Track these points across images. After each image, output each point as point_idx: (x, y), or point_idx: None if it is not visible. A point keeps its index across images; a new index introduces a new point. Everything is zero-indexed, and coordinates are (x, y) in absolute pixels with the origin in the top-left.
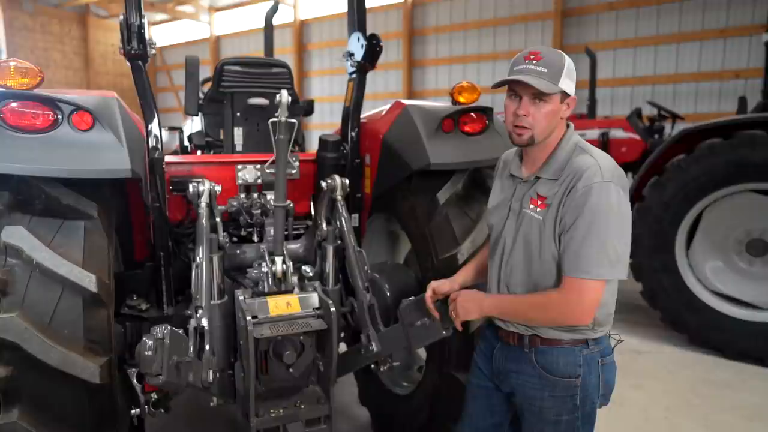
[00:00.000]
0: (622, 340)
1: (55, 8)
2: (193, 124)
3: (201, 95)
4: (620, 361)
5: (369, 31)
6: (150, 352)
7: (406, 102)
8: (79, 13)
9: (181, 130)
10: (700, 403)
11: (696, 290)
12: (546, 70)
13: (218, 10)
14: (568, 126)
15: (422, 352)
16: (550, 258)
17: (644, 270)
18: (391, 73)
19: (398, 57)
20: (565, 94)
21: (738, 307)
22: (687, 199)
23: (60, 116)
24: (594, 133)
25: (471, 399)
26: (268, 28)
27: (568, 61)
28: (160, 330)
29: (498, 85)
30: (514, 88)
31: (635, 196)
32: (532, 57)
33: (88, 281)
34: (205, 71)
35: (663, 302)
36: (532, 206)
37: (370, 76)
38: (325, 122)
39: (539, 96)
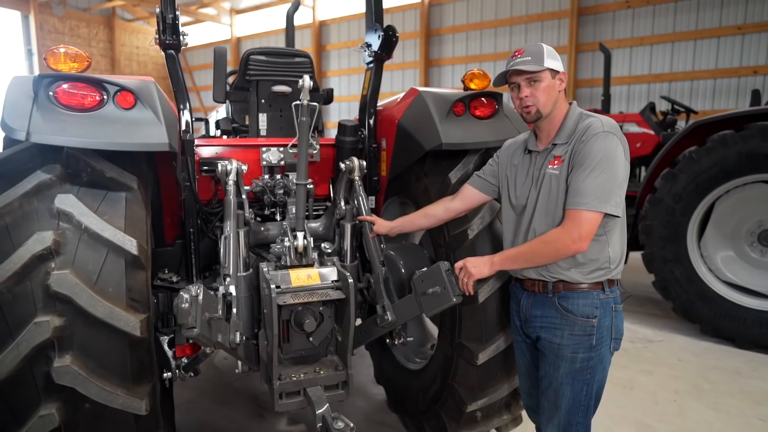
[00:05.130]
0: (631, 294)
1: (84, 12)
2: (218, 114)
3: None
4: (632, 349)
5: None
6: (186, 305)
7: (420, 89)
8: (106, 17)
9: (206, 122)
10: (709, 388)
11: (708, 280)
12: (530, 58)
13: (239, 12)
14: (571, 103)
15: (435, 331)
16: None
17: (656, 260)
18: (408, 73)
19: (415, 57)
20: (554, 71)
21: (750, 297)
22: (699, 190)
23: (106, 96)
24: None
25: (518, 355)
26: (290, 24)
27: (548, 47)
28: (194, 288)
29: (498, 80)
30: (512, 80)
31: (647, 188)
32: (516, 54)
33: (130, 244)
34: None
35: (675, 292)
36: (551, 167)
37: (388, 75)
38: None
39: (532, 78)
